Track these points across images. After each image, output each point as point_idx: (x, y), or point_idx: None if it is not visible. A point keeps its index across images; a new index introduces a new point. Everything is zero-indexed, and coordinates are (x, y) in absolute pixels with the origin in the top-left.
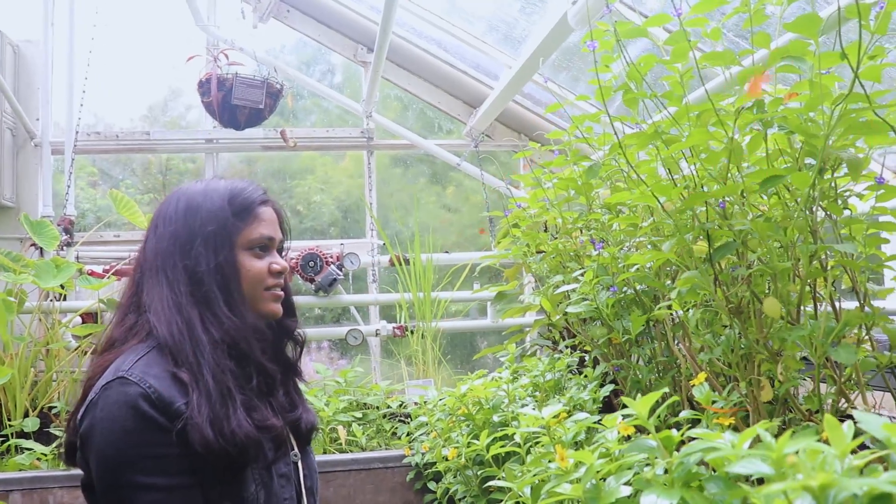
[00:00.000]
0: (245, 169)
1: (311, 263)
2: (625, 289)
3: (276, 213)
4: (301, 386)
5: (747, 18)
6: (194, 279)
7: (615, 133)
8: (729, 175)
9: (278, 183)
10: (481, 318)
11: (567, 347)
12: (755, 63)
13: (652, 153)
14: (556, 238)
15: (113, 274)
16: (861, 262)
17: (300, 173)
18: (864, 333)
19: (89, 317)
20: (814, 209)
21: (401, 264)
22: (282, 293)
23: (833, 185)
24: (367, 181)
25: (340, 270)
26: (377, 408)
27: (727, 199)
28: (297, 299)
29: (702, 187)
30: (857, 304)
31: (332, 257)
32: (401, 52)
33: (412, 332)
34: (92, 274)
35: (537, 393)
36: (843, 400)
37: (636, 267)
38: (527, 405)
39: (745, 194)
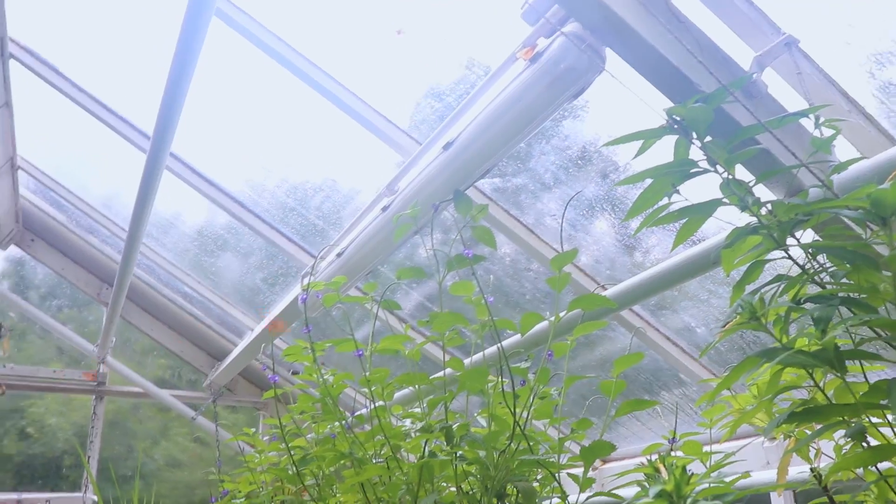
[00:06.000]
0: None
1: None
2: None
3: None
4: None
5: (447, 338)
6: None
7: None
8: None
9: (10, 401)
10: None
11: None
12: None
13: (349, 474)
14: None
15: None
16: None
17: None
18: None
19: None
20: None
21: None
22: None
23: None
24: (90, 430)
25: None
26: None
27: None
28: None
29: None
30: None
31: None
32: (147, 298)
33: None
34: None
35: None
36: None
37: None
38: None
39: None
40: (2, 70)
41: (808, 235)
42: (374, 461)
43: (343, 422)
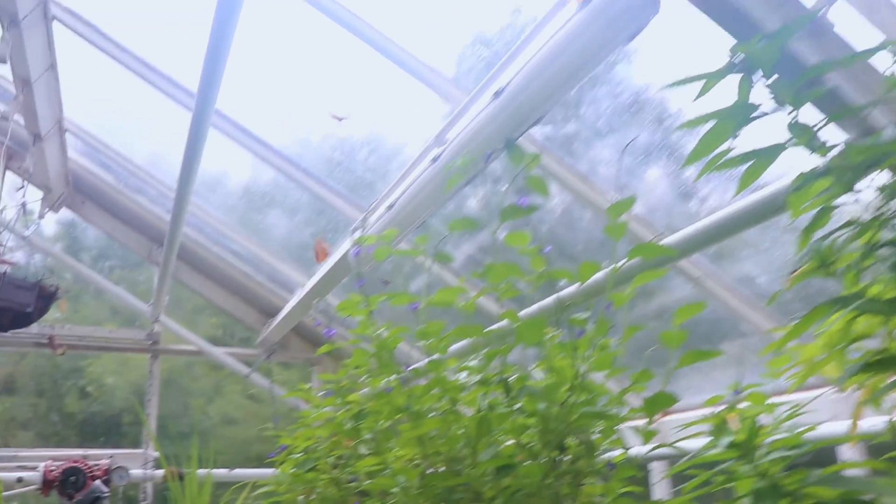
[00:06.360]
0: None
1: (73, 479)
2: None
3: None
4: None
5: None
6: None
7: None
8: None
9: (69, 361)
10: None
11: None
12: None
13: (406, 428)
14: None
15: None
16: None
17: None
18: None
19: None
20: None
21: (176, 480)
22: None
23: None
24: (148, 388)
25: (107, 486)
26: None
27: None
28: None
29: (452, 459)
30: None
31: (98, 471)
32: (197, 257)
33: None
34: None
35: None
36: None
37: None
38: None
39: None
40: (46, 32)
41: (880, 180)
42: (430, 415)
43: (399, 375)
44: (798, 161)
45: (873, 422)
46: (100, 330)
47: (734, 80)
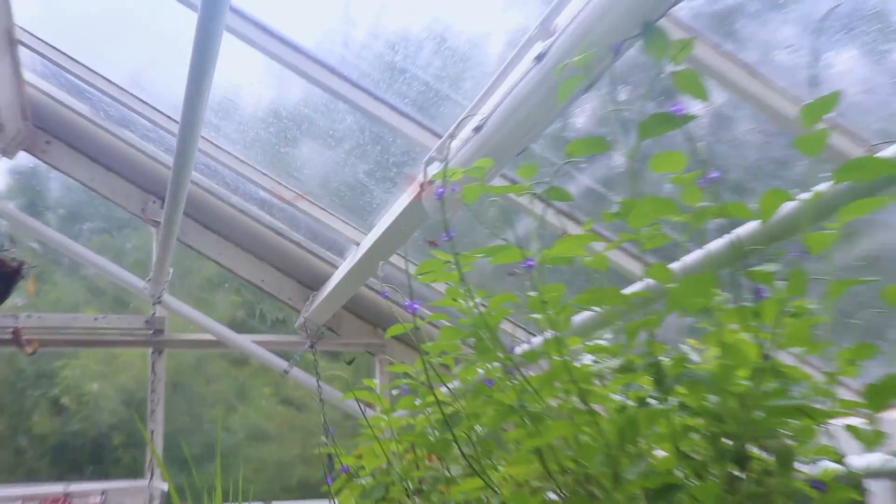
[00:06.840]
0: None
1: None
2: None
3: None
4: None
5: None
6: None
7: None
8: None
9: (35, 363)
10: None
11: None
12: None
13: (517, 436)
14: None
15: None
16: None
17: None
18: None
19: None
20: None
21: None
22: None
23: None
24: (150, 395)
25: None
26: None
27: None
28: None
29: (584, 478)
30: None
31: None
32: (210, 211)
33: None
34: None
35: None
36: None
37: None
38: None
39: None
40: None
41: None
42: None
43: (507, 363)
44: None
45: None
46: (83, 318)
47: None
